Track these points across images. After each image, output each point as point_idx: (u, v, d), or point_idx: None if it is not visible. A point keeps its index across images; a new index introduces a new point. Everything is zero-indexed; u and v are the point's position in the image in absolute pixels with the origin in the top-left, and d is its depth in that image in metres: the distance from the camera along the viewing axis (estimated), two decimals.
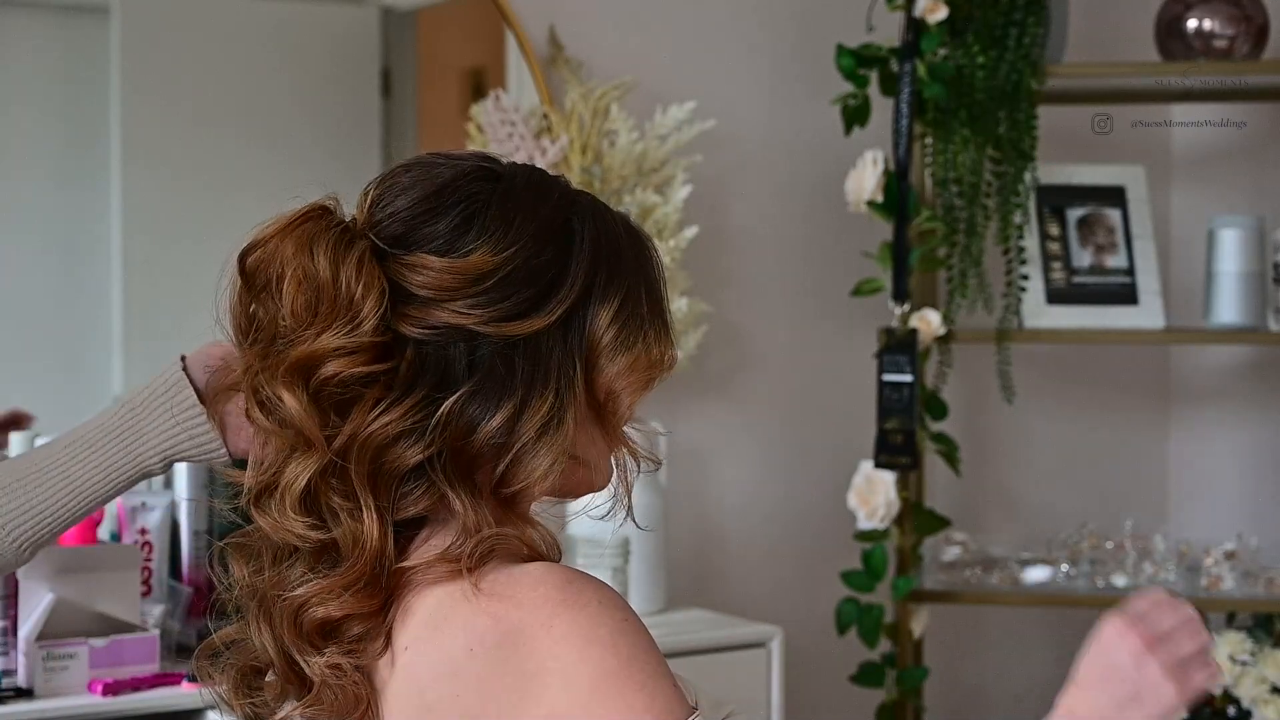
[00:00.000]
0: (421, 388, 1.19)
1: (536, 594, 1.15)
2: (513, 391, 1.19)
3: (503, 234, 1.22)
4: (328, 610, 1.19)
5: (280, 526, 1.20)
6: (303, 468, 1.19)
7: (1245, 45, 2.92)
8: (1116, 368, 3.41)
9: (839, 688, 2.98)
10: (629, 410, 1.27)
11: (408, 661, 1.19)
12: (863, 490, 2.85)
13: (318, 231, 1.20)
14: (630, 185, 2.76)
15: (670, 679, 1.16)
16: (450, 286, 1.20)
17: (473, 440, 1.19)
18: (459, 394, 1.19)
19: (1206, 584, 2.93)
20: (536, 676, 1.13)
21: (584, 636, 1.13)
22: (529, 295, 1.21)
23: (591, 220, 1.26)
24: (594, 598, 1.16)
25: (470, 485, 1.19)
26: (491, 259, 1.20)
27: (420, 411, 1.18)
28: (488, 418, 1.18)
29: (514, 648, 1.14)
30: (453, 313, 1.20)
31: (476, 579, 1.16)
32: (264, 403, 1.21)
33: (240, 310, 1.23)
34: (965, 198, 2.85)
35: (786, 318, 3.10)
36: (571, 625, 1.14)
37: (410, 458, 1.18)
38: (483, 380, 1.19)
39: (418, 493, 1.20)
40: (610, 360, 1.23)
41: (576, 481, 1.27)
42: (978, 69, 2.82)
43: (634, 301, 1.25)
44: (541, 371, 1.20)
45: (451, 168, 1.26)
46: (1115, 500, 3.34)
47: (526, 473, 1.19)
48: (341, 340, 1.18)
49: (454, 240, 1.22)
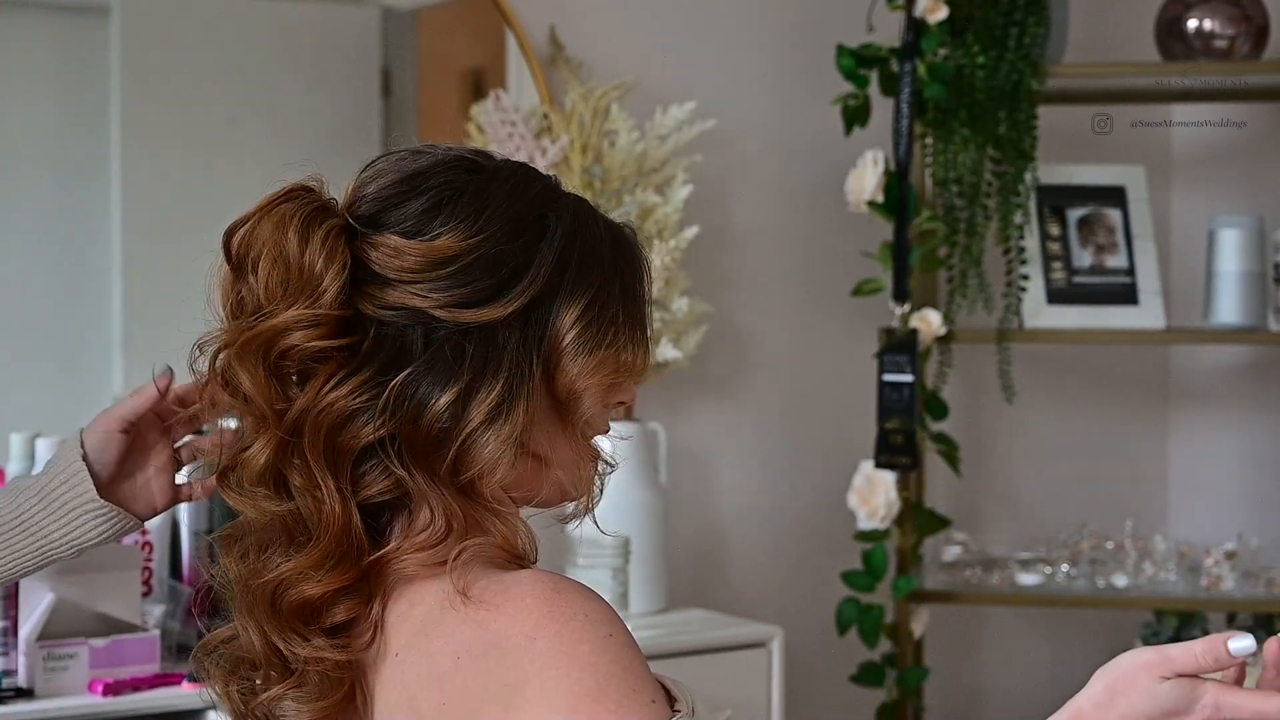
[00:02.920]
0: (374, 366, 1.20)
1: (523, 604, 1.15)
2: (460, 375, 1.19)
3: (471, 221, 1.22)
4: (302, 590, 1.19)
5: (245, 502, 1.22)
6: (263, 444, 1.20)
7: (1245, 45, 2.92)
8: (1117, 368, 3.41)
9: (839, 688, 2.98)
10: (594, 413, 1.26)
11: (400, 667, 1.19)
12: (863, 490, 2.85)
13: (294, 210, 1.21)
14: (630, 185, 2.76)
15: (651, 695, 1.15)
16: (412, 268, 1.20)
17: (421, 421, 1.19)
18: (407, 372, 1.19)
19: (1206, 584, 2.93)
20: (518, 689, 1.13)
21: (565, 653, 1.13)
22: (489, 284, 1.21)
23: (570, 219, 1.25)
24: (580, 610, 1.15)
25: (427, 469, 1.20)
26: (456, 244, 1.21)
27: (371, 389, 1.19)
28: (434, 399, 1.19)
29: (498, 658, 1.14)
30: (412, 294, 1.20)
31: (465, 587, 1.16)
32: (227, 380, 1.21)
33: (229, 291, 1.24)
34: (966, 198, 2.85)
35: (787, 318, 3.10)
36: (554, 639, 1.13)
37: (363, 436, 1.19)
38: (431, 361, 1.20)
39: (375, 474, 1.20)
40: (572, 359, 1.23)
41: (541, 482, 1.26)
42: (978, 69, 2.82)
43: (605, 304, 1.24)
44: (494, 360, 1.20)
45: (434, 156, 1.26)
46: (1115, 500, 3.34)
47: (476, 459, 1.19)
48: (301, 312, 1.19)
49: (422, 223, 1.22)
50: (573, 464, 1.26)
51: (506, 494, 1.23)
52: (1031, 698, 3.31)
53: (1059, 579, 2.97)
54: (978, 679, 3.33)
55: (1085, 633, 3.35)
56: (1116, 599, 2.94)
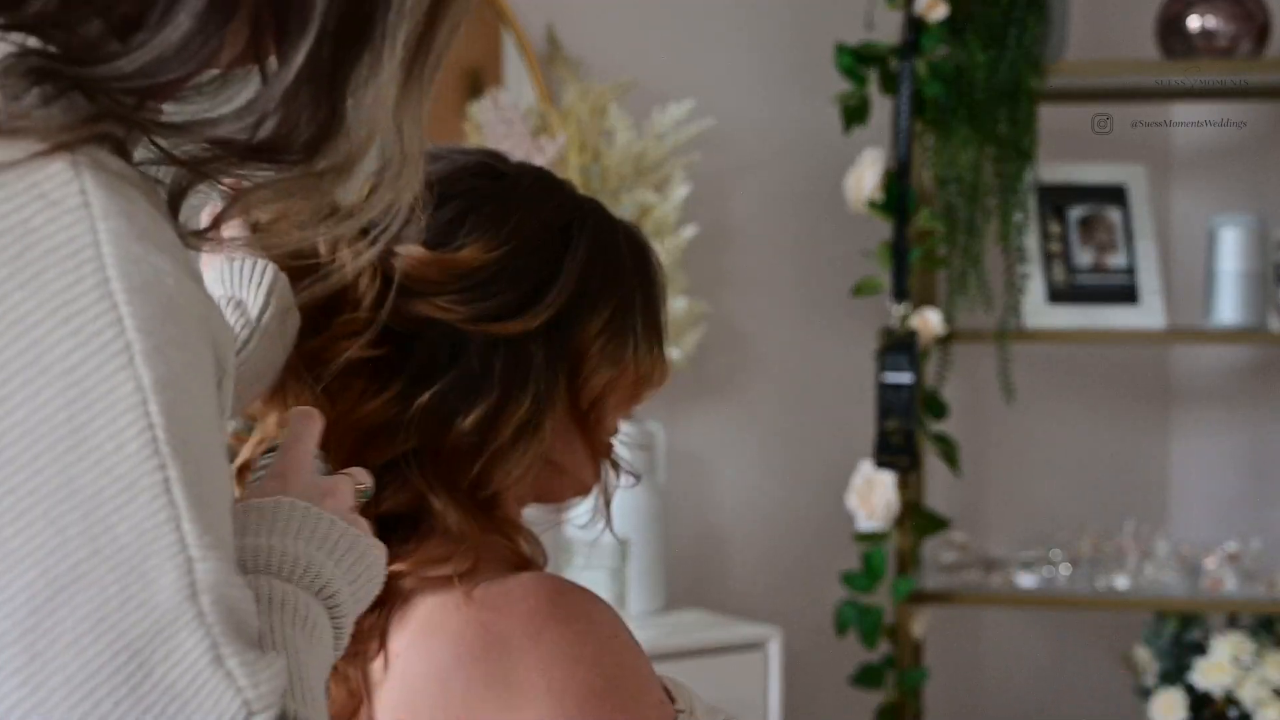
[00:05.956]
0: (402, 380, 1.18)
1: (525, 605, 1.14)
2: (489, 391, 1.18)
3: (496, 232, 1.20)
4: None
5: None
6: None
7: (1247, 44, 2.91)
8: (1117, 367, 3.40)
9: (838, 689, 2.97)
10: (613, 422, 1.25)
11: (401, 668, 1.18)
12: (863, 491, 2.84)
13: None
14: (629, 184, 2.75)
15: (658, 695, 1.14)
16: (436, 280, 1.19)
17: (448, 438, 1.18)
18: (435, 389, 1.17)
19: (1208, 585, 2.92)
20: (520, 689, 1.12)
21: (570, 653, 1.12)
22: (514, 297, 1.20)
23: (592, 228, 1.24)
24: (583, 611, 1.14)
25: (448, 485, 1.18)
26: (481, 256, 1.19)
27: (399, 404, 1.18)
28: (462, 416, 1.17)
29: (500, 659, 1.13)
30: (436, 307, 1.19)
31: (468, 588, 1.15)
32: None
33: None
34: (965, 197, 2.84)
35: (786, 317, 3.09)
36: (559, 639, 1.12)
37: (390, 450, 1.17)
38: (459, 378, 1.18)
39: (393, 487, 1.18)
40: (596, 371, 1.22)
41: (559, 489, 1.26)
42: (978, 67, 2.81)
43: (627, 314, 1.23)
44: (521, 374, 1.19)
45: (453, 162, 1.25)
46: (1115, 501, 3.33)
47: (501, 475, 1.18)
48: (346, 318, 1.17)
49: (446, 234, 1.21)
50: (589, 470, 1.26)
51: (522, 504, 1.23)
52: (1032, 700, 3.30)
53: (1059, 580, 2.96)
54: (977, 680, 3.32)
55: (1086, 634, 3.34)
56: (1117, 600, 2.94)
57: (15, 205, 0.72)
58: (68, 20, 0.76)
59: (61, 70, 0.74)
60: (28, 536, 0.68)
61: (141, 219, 0.74)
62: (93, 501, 0.68)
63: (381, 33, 0.81)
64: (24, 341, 0.70)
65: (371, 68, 0.81)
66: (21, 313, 0.70)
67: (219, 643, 0.68)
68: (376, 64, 0.81)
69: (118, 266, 0.71)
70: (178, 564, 0.68)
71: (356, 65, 0.81)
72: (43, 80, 0.74)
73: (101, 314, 0.70)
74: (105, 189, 0.73)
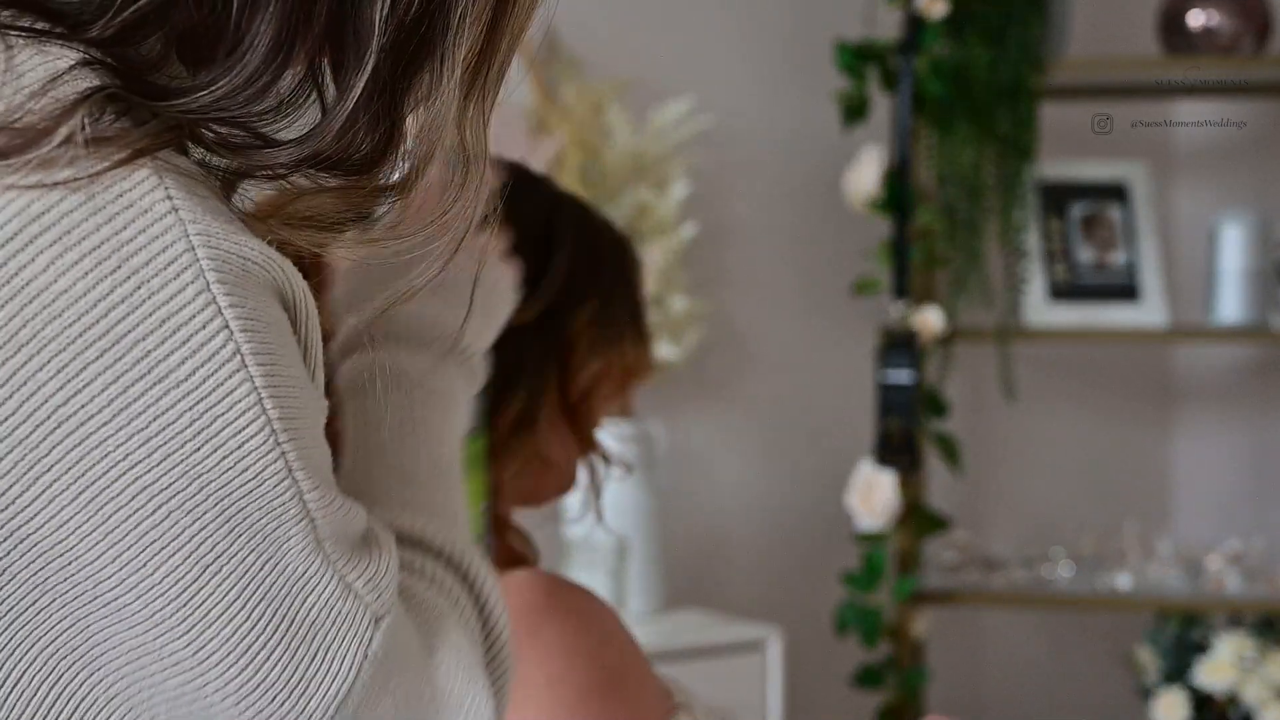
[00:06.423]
0: None
1: (523, 600, 1.14)
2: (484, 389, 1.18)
3: None
4: None
5: None
6: None
7: (1248, 41, 2.90)
8: (1119, 366, 3.39)
9: (838, 689, 2.97)
10: (601, 415, 1.25)
11: None
12: (863, 490, 2.83)
13: None
14: (628, 183, 2.74)
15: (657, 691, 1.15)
16: None
17: None
18: None
19: (1210, 585, 2.91)
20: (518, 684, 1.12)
21: (567, 648, 1.12)
22: None
23: (574, 222, 1.25)
24: (581, 607, 1.15)
25: None
26: None
27: None
28: None
29: None
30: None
31: None
32: None
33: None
34: (966, 195, 2.84)
35: (785, 316, 3.08)
36: (556, 635, 1.13)
37: None
38: None
39: None
40: (585, 363, 1.22)
41: (545, 485, 1.25)
42: (978, 65, 2.80)
43: (612, 305, 1.24)
44: (514, 371, 1.18)
45: None
46: (1117, 500, 3.32)
47: (497, 471, 1.18)
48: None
49: None
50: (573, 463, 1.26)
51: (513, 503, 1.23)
52: (1033, 700, 3.29)
53: (1060, 580, 2.95)
54: (978, 681, 3.31)
55: (1087, 634, 3.33)
56: (1118, 600, 2.93)
57: (106, 216, 0.73)
58: (129, 38, 0.78)
59: (129, 100, 0.77)
60: (172, 535, 0.75)
61: (221, 214, 0.77)
62: (223, 491, 0.75)
63: (441, 54, 0.83)
64: (142, 364, 0.74)
65: (431, 87, 0.83)
66: (134, 331, 0.73)
67: (344, 574, 0.78)
68: (437, 83, 0.83)
69: (215, 271, 0.74)
70: (302, 527, 0.76)
71: (415, 86, 0.83)
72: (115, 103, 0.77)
73: (209, 320, 0.74)
74: (185, 190, 0.76)
